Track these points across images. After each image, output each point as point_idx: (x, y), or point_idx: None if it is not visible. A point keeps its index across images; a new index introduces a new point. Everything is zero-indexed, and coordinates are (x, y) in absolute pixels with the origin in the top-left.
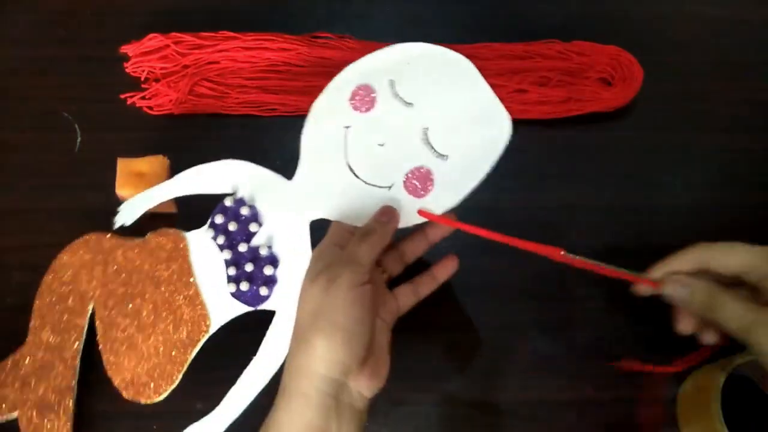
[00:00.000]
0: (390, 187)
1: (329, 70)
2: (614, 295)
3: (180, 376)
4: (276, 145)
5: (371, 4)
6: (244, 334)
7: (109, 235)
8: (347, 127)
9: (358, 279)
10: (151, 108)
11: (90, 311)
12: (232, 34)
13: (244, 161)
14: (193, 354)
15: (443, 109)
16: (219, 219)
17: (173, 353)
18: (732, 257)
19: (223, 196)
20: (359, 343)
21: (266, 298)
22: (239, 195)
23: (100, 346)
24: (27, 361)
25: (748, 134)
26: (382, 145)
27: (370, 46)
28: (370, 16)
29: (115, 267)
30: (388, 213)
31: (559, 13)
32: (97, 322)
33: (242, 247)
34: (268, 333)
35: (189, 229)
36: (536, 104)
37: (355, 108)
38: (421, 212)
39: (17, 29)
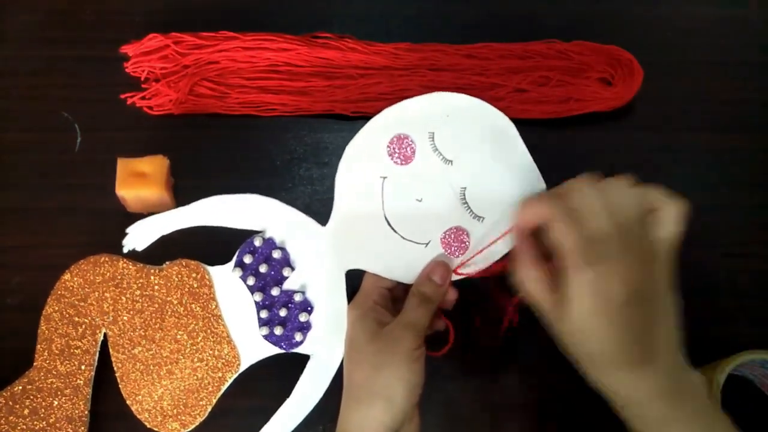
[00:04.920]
0: (427, 244)
1: (329, 70)
2: None
3: (207, 412)
4: (276, 145)
5: (371, 4)
6: None
7: (122, 259)
8: (384, 177)
9: (418, 342)
10: (151, 108)
11: (101, 338)
12: (232, 34)
13: (273, 199)
14: (222, 391)
15: (482, 169)
16: (248, 259)
17: (201, 389)
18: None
19: (246, 233)
20: (417, 394)
21: (300, 343)
22: (268, 235)
23: (117, 374)
24: (36, 388)
25: (748, 134)
26: (420, 200)
27: (370, 46)
28: (370, 16)
29: (130, 294)
30: (443, 274)
31: (559, 13)
32: (112, 350)
33: (275, 291)
34: (303, 376)
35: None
36: (536, 104)
37: (393, 158)
38: (456, 271)
39: (17, 29)
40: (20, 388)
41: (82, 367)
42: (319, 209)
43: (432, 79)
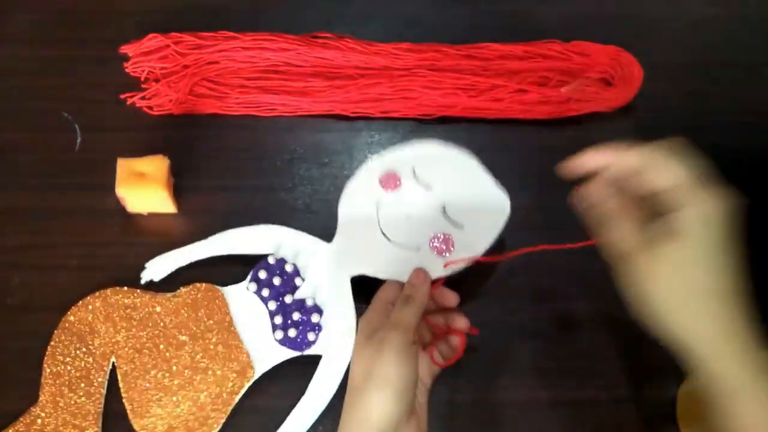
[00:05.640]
0: (418, 249)
1: (329, 70)
2: (614, 295)
3: (221, 424)
4: (276, 145)
5: (371, 4)
6: None
7: (133, 291)
8: (379, 202)
9: (405, 339)
10: (151, 108)
11: (110, 366)
12: (232, 34)
13: (285, 227)
14: (236, 401)
15: (456, 192)
16: (262, 275)
17: (215, 402)
18: (665, 175)
19: (260, 256)
20: (407, 397)
21: (313, 343)
22: (281, 254)
23: (124, 397)
24: (43, 422)
25: (748, 134)
26: (409, 216)
27: (370, 46)
28: (370, 16)
29: (140, 319)
30: (420, 276)
31: (559, 13)
32: (120, 376)
33: (288, 299)
34: (316, 375)
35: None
36: (536, 104)
37: (385, 189)
38: (447, 264)
39: (17, 29)
40: (22, 424)
41: (92, 398)
42: (319, 209)
43: (432, 79)
